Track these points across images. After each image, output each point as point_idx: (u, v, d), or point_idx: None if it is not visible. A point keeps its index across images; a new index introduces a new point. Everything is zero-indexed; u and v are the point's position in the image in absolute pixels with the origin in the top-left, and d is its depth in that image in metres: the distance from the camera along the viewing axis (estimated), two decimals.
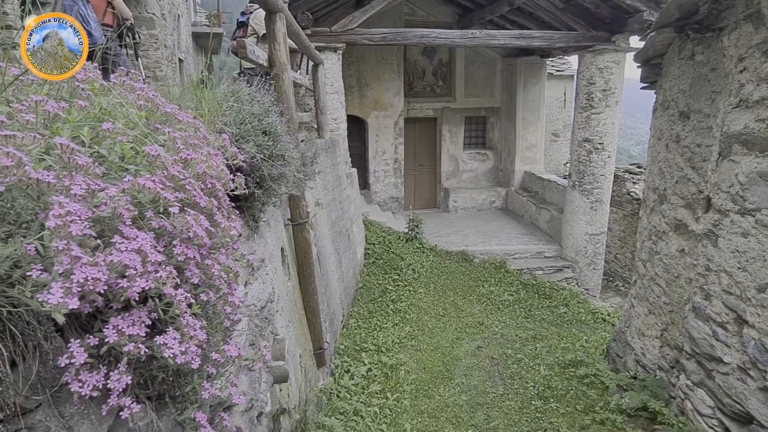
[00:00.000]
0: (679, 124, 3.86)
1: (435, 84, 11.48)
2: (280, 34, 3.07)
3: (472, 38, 7.68)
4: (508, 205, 11.90)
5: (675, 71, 3.98)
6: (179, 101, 1.80)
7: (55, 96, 0.76)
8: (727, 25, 3.24)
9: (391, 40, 7.52)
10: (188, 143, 0.93)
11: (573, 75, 12.28)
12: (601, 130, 8.23)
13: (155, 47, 8.57)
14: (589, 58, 8.02)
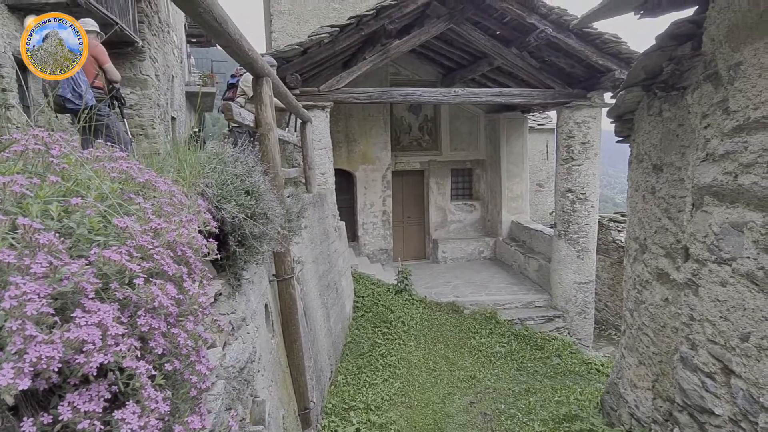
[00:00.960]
0: (654, 177, 4.00)
1: (421, 138, 11.83)
2: (266, 97, 3.19)
3: (454, 96, 8.02)
4: (497, 254, 11.95)
5: (646, 126, 4.17)
6: (162, 163, 1.85)
7: (31, 170, 0.79)
8: (689, 84, 3.45)
9: (377, 99, 7.82)
10: (162, 211, 0.95)
11: (553, 128, 12.76)
12: (583, 181, 8.46)
13: (148, 106, 8.82)
14: (567, 114, 8.38)
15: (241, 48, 2.47)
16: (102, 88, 4.21)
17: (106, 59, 4.17)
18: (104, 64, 4.17)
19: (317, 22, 9.26)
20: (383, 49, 7.39)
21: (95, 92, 4.14)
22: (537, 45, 7.52)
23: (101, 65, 4.17)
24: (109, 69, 4.16)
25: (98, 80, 4.22)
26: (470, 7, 7.26)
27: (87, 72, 4.13)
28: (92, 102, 4.01)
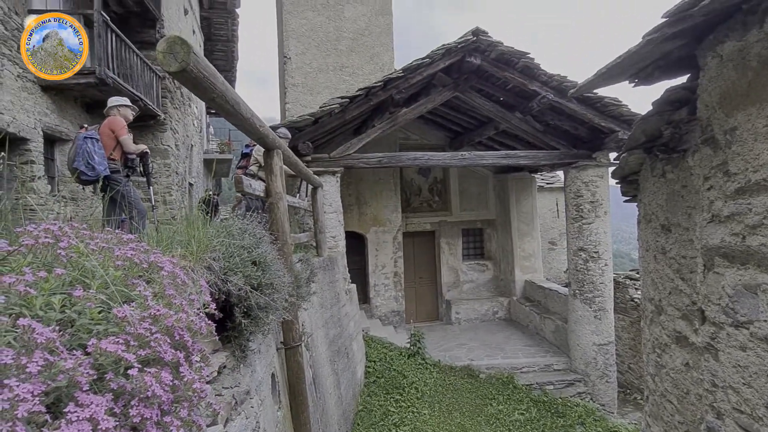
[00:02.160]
0: (663, 237, 3.97)
1: (431, 200, 11.99)
2: (277, 168, 3.33)
3: (462, 159, 8.22)
4: (512, 315, 11.67)
5: (651, 187, 4.20)
6: (173, 238, 1.91)
7: (39, 262, 0.84)
8: (689, 147, 3.51)
9: (387, 163, 8.05)
10: (163, 293, 0.99)
11: (563, 187, 12.87)
12: (594, 239, 8.40)
13: (167, 174, 9.16)
14: (574, 173, 8.49)
15: (252, 125, 2.62)
16: (117, 160, 4.41)
17: (122, 132, 4.37)
18: (120, 136, 4.38)
19: (329, 93, 9.76)
20: (391, 116, 7.71)
21: (111, 163, 4.33)
22: (540, 109, 7.79)
23: (117, 137, 4.38)
24: (124, 141, 4.36)
25: (116, 152, 4.43)
26: (473, 76, 7.63)
27: (105, 144, 4.35)
28: (105, 173, 4.20)
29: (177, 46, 1.58)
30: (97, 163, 4.19)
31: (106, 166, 4.26)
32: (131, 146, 4.38)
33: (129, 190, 4.39)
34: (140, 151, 4.63)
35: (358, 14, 10.46)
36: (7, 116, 5.53)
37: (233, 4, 13.86)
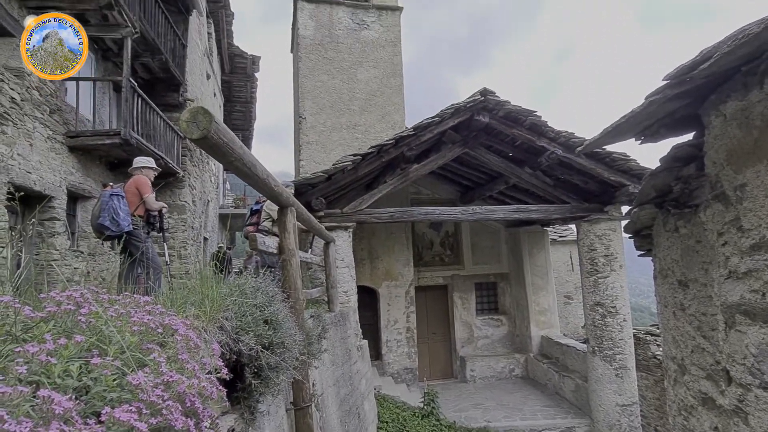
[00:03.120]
0: (681, 293, 3.88)
1: (443, 253, 11.96)
2: (290, 225, 3.39)
3: (473, 213, 8.28)
4: (529, 372, 11.24)
5: (664, 242, 4.16)
6: (187, 298, 1.94)
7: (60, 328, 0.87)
8: (700, 202, 3.51)
9: (399, 218, 8.13)
10: (176, 358, 1.01)
11: (576, 240, 12.77)
12: (611, 294, 8.22)
13: (183, 229, 9.34)
14: (587, 227, 8.45)
15: (267, 185, 2.71)
16: (142, 216, 4.56)
17: (146, 191, 4.56)
18: (144, 194, 4.55)
19: (342, 150, 10.06)
20: (403, 173, 7.88)
21: (133, 220, 4.47)
22: (549, 164, 7.90)
23: (142, 195, 4.55)
24: (147, 199, 4.53)
25: (139, 209, 4.59)
26: (482, 134, 7.83)
27: (130, 202, 4.52)
28: (128, 228, 4.34)
29: (200, 115, 1.68)
30: (121, 219, 4.36)
31: (130, 222, 4.41)
32: (154, 204, 4.54)
33: (148, 247, 4.50)
34: (159, 208, 4.80)
35: (371, 77, 10.96)
36: (35, 175, 5.78)
37: (252, 69, 14.65)
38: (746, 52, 2.10)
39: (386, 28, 11.23)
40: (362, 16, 11.18)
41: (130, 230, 4.41)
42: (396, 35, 11.30)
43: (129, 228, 4.39)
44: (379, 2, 11.32)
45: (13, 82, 5.40)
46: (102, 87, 7.74)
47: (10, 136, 5.34)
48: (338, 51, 10.88)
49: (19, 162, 5.49)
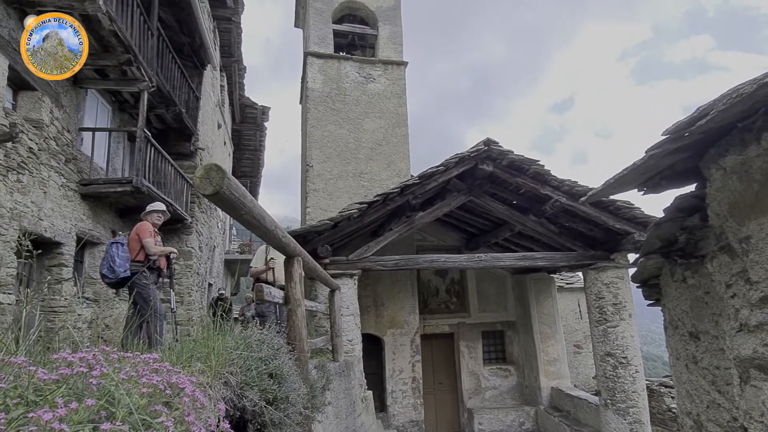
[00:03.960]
0: (692, 345, 3.80)
1: (449, 301, 11.81)
2: (297, 275, 3.40)
3: (478, 261, 8.26)
4: (540, 426, 10.79)
5: (673, 293, 4.12)
6: (192, 352, 1.94)
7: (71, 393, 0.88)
8: (707, 253, 3.50)
9: (404, 266, 8.12)
10: (183, 420, 1.01)
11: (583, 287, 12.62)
12: (622, 344, 8.03)
13: (188, 275, 9.34)
14: (594, 275, 8.38)
15: (275, 236, 2.75)
16: (141, 261, 4.59)
17: (145, 235, 4.61)
18: (143, 239, 4.59)
19: (348, 198, 10.20)
20: (408, 220, 7.94)
21: (134, 266, 4.52)
22: (554, 212, 7.95)
23: (141, 240, 4.61)
24: (146, 244, 4.57)
25: (141, 254, 4.63)
26: (487, 182, 7.95)
27: (132, 248, 4.60)
28: (124, 274, 4.40)
29: (213, 172, 1.75)
30: (117, 266, 4.46)
31: (127, 269, 4.48)
32: (152, 248, 4.57)
33: (149, 293, 4.51)
34: (167, 254, 4.84)
35: (377, 126, 11.27)
36: (46, 222, 5.88)
37: (262, 118, 15.14)
38: (741, 109, 2.18)
39: (392, 81, 11.66)
40: (369, 70, 11.64)
41: (127, 276, 4.47)
42: (401, 87, 11.71)
43: (126, 274, 4.47)
44: (384, 57, 11.81)
45: (32, 133, 5.60)
46: (117, 136, 8.00)
47: (26, 184, 5.48)
48: (345, 102, 11.25)
49: (32, 209, 5.60)
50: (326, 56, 11.46)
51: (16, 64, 5.25)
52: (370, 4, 12.12)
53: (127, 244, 4.61)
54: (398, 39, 12.05)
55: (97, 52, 6.04)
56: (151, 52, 7.22)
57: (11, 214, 5.15)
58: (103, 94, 7.56)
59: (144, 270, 4.57)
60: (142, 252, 4.64)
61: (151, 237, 4.63)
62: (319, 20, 11.62)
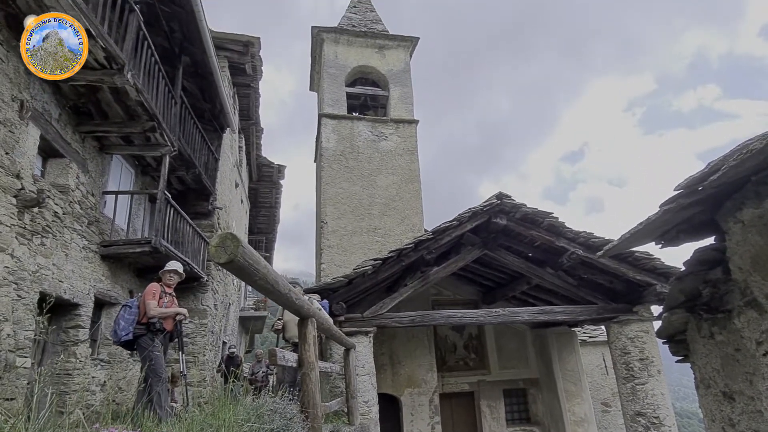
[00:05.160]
0: (727, 406, 3.59)
1: (467, 357, 11.44)
2: (311, 337, 3.37)
3: (496, 316, 8.07)
4: None
5: (701, 349, 3.94)
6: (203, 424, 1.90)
7: None
8: (733, 308, 3.38)
9: (420, 322, 7.97)
10: None
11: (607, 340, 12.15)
12: (652, 402, 7.60)
13: (202, 334, 9.26)
14: (617, 329, 8.09)
15: (289, 299, 2.75)
16: (145, 324, 4.58)
17: (147, 297, 4.60)
18: (145, 301, 4.58)
19: (362, 253, 10.22)
20: (423, 275, 7.88)
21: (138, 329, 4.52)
22: (571, 264, 7.82)
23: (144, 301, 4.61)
24: (147, 305, 4.56)
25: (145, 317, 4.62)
26: (501, 235, 7.92)
27: (141, 310, 4.61)
28: (125, 338, 4.44)
29: (228, 240, 1.79)
30: (120, 328, 4.51)
31: (129, 332, 4.50)
32: (151, 311, 4.56)
33: (151, 355, 4.48)
34: (172, 315, 4.80)
35: (390, 183, 11.48)
36: (66, 284, 5.97)
37: (278, 176, 15.55)
38: (753, 164, 2.18)
39: (403, 138, 11.99)
40: (381, 128, 12.02)
41: (129, 339, 4.47)
42: (413, 144, 12.01)
43: (127, 338, 4.49)
44: (396, 116, 12.22)
45: (58, 198, 5.81)
46: (138, 198, 8.26)
47: (49, 247, 5.63)
48: (358, 160, 11.55)
49: (54, 271, 5.71)
50: (340, 117, 11.91)
51: (47, 134, 5.55)
52: (381, 68, 12.71)
53: (137, 306, 4.64)
54: (409, 99, 12.51)
55: (124, 121, 6.36)
56: (174, 118, 7.59)
57: (33, 277, 5.25)
58: (127, 159, 7.88)
59: (147, 333, 4.54)
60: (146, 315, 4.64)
61: (153, 299, 4.60)
62: (333, 84, 12.18)
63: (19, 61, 5.00)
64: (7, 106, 4.81)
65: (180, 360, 5.19)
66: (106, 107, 6.13)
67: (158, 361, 4.48)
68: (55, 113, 5.76)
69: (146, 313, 4.53)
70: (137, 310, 4.56)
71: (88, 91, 5.78)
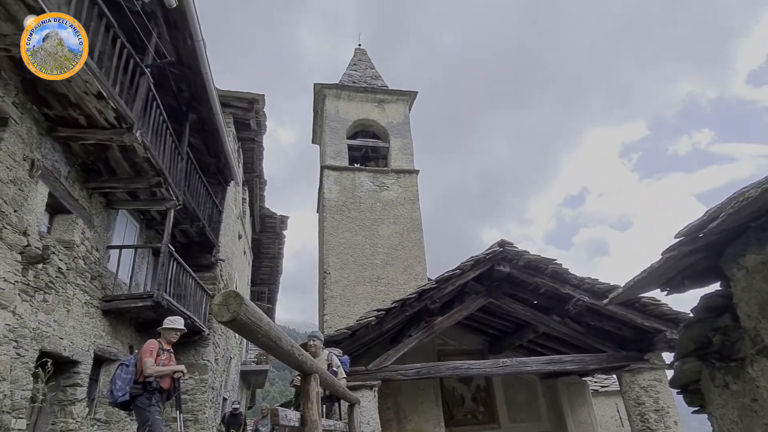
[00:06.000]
0: None
1: (476, 410, 11.01)
2: (314, 394, 3.29)
3: (503, 367, 7.86)
4: None
5: (717, 399, 3.81)
6: None
7: None
8: (745, 356, 3.30)
9: (425, 374, 7.77)
10: None
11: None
12: None
13: (202, 390, 9.00)
14: (629, 378, 7.85)
15: (292, 355, 2.71)
16: (142, 383, 4.47)
17: (145, 355, 4.50)
18: (143, 359, 4.48)
19: (365, 303, 10.12)
20: (427, 325, 7.76)
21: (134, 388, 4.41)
22: (577, 311, 7.71)
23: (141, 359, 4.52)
24: (143, 364, 4.46)
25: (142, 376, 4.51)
26: (505, 283, 7.86)
27: (138, 368, 4.51)
28: (122, 399, 4.33)
29: (231, 299, 1.80)
30: (117, 389, 4.42)
31: (126, 392, 4.39)
32: (148, 369, 4.46)
33: (148, 416, 4.36)
34: (170, 373, 4.69)
35: (392, 232, 11.54)
36: (66, 341, 5.88)
37: (281, 227, 15.65)
38: (751, 211, 2.21)
39: (404, 188, 12.18)
40: (382, 179, 12.23)
41: (126, 399, 4.36)
42: (414, 194, 12.18)
43: (124, 398, 4.38)
44: (397, 167, 12.48)
45: (62, 254, 5.85)
46: (142, 252, 8.29)
47: (51, 303, 5.60)
48: (361, 210, 11.67)
49: (54, 328, 5.65)
50: (341, 168, 12.16)
51: (55, 191, 5.67)
52: (382, 121, 13.11)
53: (135, 364, 4.54)
54: (409, 150, 12.81)
55: (131, 177, 6.51)
56: (180, 173, 7.76)
57: (33, 335, 5.19)
58: (132, 213, 7.99)
59: (144, 392, 4.44)
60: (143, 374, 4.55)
61: (150, 356, 4.50)
62: (335, 137, 12.53)
63: (33, 122, 5.20)
64: (18, 165, 4.95)
65: (177, 419, 5.04)
66: (114, 164, 6.29)
67: (156, 422, 4.36)
68: (64, 171, 5.91)
69: (143, 371, 4.44)
70: (134, 368, 4.47)
71: (98, 149, 5.95)
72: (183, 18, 6.79)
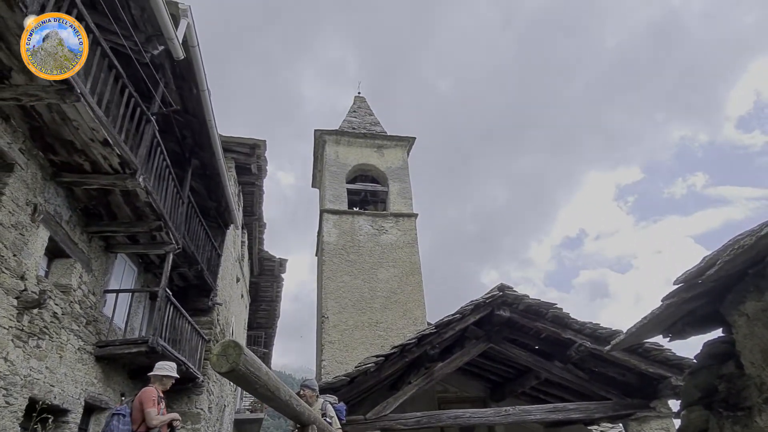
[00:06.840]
0: None
1: None
2: None
3: (506, 415, 7.63)
4: None
5: None
6: None
7: None
8: (752, 404, 3.24)
9: (426, 423, 7.52)
10: None
11: None
12: None
13: None
14: (635, 427, 7.60)
15: (290, 406, 2.66)
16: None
17: (148, 404, 4.35)
18: (146, 408, 4.33)
19: (364, 348, 9.93)
20: (427, 371, 7.58)
21: None
22: (580, 357, 7.56)
23: (143, 409, 4.36)
24: (147, 415, 4.30)
25: (143, 426, 4.34)
26: (505, 328, 7.75)
27: (135, 418, 4.34)
28: None
29: (230, 349, 1.78)
30: None
31: None
32: (153, 420, 4.31)
33: None
34: (169, 420, 4.56)
35: (391, 276, 11.49)
36: (57, 388, 5.73)
37: (279, 270, 15.58)
38: (747, 258, 2.24)
39: (403, 231, 12.22)
40: (381, 222, 12.31)
41: None
42: (413, 237, 12.21)
43: None
44: (395, 210, 12.58)
45: (59, 298, 5.79)
46: (138, 296, 8.21)
47: (44, 349, 5.49)
48: (359, 254, 11.66)
49: (46, 375, 5.52)
50: (341, 212, 12.25)
51: (56, 235, 5.69)
52: (380, 166, 13.34)
53: (130, 413, 4.38)
54: (407, 193, 12.97)
55: (131, 221, 6.55)
56: (180, 217, 7.82)
57: (24, 382, 5.07)
58: (131, 256, 7.97)
59: None
60: (144, 425, 4.38)
61: (154, 406, 4.36)
62: (334, 181, 12.70)
63: (38, 168, 5.29)
64: (20, 209, 4.99)
65: None
66: (116, 208, 6.35)
67: None
68: (66, 215, 5.95)
69: (146, 422, 4.29)
70: (130, 419, 4.33)
71: (100, 194, 6.03)
72: (189, 69, 7.05)
